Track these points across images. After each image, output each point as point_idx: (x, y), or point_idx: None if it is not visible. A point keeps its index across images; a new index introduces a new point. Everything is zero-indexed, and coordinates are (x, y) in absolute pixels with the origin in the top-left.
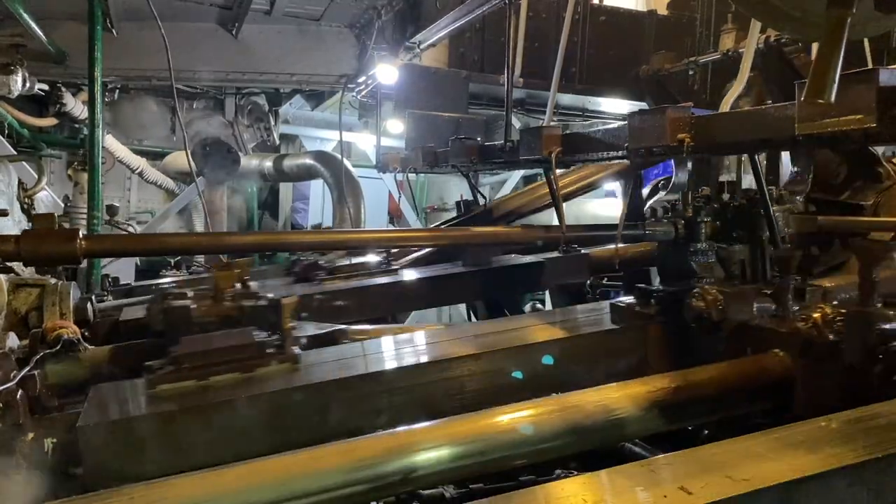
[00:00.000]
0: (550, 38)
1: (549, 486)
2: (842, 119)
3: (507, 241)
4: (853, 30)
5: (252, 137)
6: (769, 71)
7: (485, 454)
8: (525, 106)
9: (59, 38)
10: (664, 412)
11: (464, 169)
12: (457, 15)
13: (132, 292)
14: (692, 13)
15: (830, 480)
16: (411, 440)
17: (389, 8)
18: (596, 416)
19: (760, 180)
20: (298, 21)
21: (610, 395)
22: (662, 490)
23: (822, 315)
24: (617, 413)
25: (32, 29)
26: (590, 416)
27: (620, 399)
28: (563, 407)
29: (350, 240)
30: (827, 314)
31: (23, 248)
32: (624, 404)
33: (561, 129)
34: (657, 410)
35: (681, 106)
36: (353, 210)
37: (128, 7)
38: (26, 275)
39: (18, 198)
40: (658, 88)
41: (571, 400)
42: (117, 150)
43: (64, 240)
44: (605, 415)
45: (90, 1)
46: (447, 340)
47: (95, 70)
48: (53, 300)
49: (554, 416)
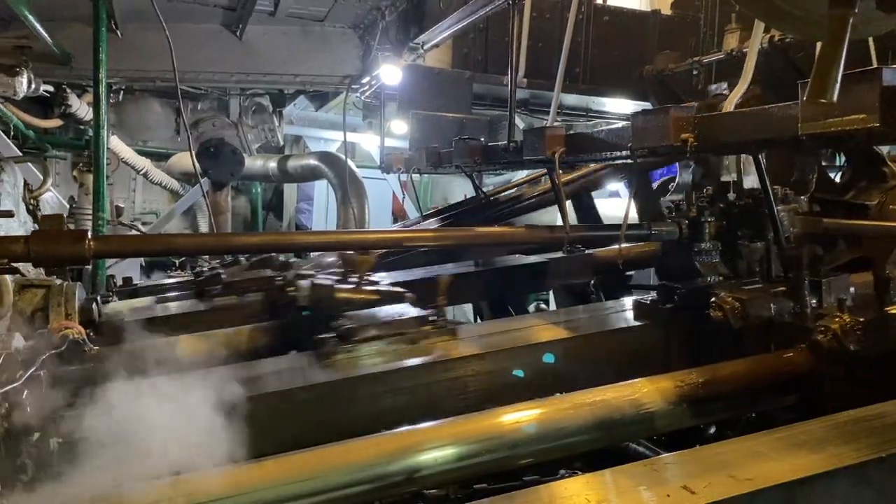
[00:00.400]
0: (554, 39)
1: (553, 485)
2: (845, 119)
3: (512, 242)
4: (855, 29)
5: (256, 138)
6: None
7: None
8: (529, 106)
9: (64, 39)
10: (693, 407)
11: (467, 169)
12: (460, 15)
13: (137, 293)
14: (696, 13)
15: (834, 480)
16: (419, 439)
17: (393, 9)
18: (625, 411)
19: (764, 180)
20: (302, 22)
21: (640, 390)
22: (666, 489)
23: (840, 325)
24: (647, 407)
25: (38, 31)
26: (619, 410)
27: (650, 393)
28: (592, 402)
29: (355, 240)
30: (846, 323)
31: (32, 248)
32: (653, 398)
33: (564, 129)
34: (686, 405)
35: (684, 106)
36: (358, 210)
37: (132, 9)
38: (32, 275)
39: (24, 199)
40: (662, 88)
41: (598, 395)
42: (122, 151)
43: (73, 241)
44: (635, 409)
45: (95, 3)
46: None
47: (100, 71)
48: (59, 301)
49: (583, 409)
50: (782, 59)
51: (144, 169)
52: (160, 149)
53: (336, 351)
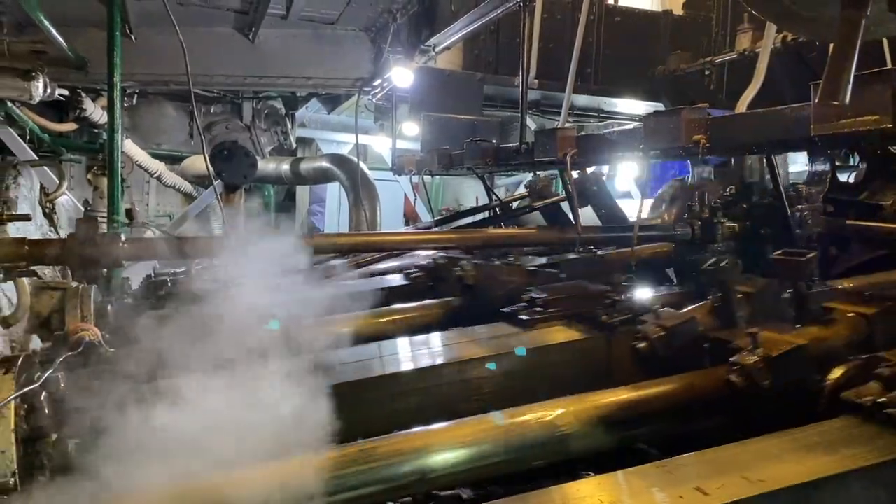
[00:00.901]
0: (565, 39)
1: (566, 486)
2: (858, 119)
3: (524, 243)
4: (867, 31)
5: (269, 141)
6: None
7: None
8: (540, 107)
9: (79, 44)
10: (612, 428)
11: (479, 171)
12: (471, 18)
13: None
14: (708, 13)
15: (847, 482)
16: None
17: (404, 11)
18: (537, 433)
19: (777, 181)
20: (314, 25)
21: (553, 411)
22: (678, 491)
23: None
24: (561, 430)
25: (53, 36)
26: (531, 432)
27: (565, 415)
28: (507, 424)
29: (362, 242)
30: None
31: (68, 251)
32: (567, 420)
33: (576, 130)
34: (604, 426)
35: (697, 107)
36: (370, 212)
37: (146, 13)
38: (48, 278)
39: (40, 202)
40: (674, 89)
41: (513, 417)
42: (136, 154)
43: (108, 243)
44: (548, 432)
45: (109, 8)
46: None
47: (115, 75)
48: (75, 303)
49: (496, 432)
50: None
51: (158, 172)
52: (174, 152)
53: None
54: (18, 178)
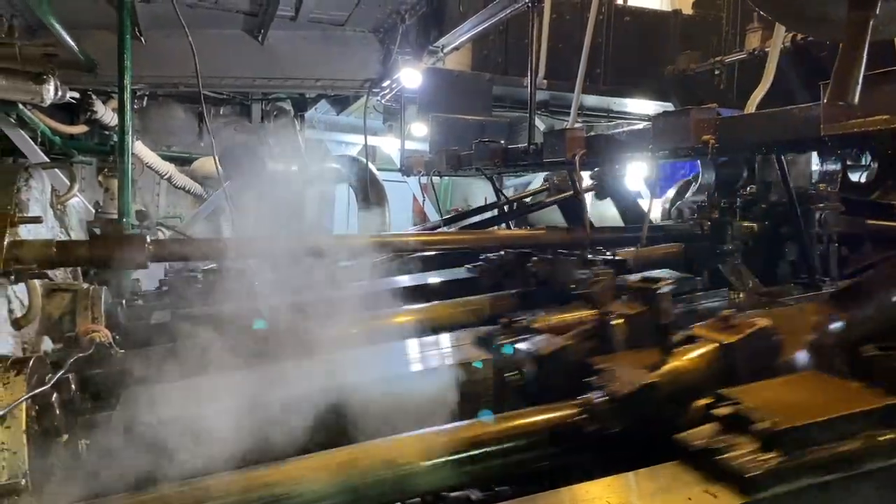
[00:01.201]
0: (574, 39)
1: (575, 487)
2: (868, 119)
3: (534, 244)
4: (875, 31)
5: (278, 142)
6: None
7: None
8: (549, 108)
9: (90, 47)
10: (461, 464)
11: (487, 171)
12: (480, 18)
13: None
14: (717, 12)
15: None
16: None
17: (413, 12)
18: (377, 471)
19: (787, 181)
20: (323, 26)
21: (395, 447)
22: (688, 493)
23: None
24: (402, 469)
25: (63, 38)
26: (370, 469)
27: (407, 452)
28: (342, 461)
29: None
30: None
31: (94, 253)
32: (409, 457)
33: (585, 130)
34: (451, 463)
35: (705, 107)
36: (378, 213)
37: (156, 16)
38: (59, 280)
39: (51, 204)
40: (683, 88)
41: (351, 453)
42: (146, 155)
43: (133, 245)
44: (390, 470)
45: (119, 10)
46: None
47: (125, 78)
48: (86, 304)
49: (329, 469)
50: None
51: (168, 173)
52: (184, 153)
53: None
54: (30, 181)
